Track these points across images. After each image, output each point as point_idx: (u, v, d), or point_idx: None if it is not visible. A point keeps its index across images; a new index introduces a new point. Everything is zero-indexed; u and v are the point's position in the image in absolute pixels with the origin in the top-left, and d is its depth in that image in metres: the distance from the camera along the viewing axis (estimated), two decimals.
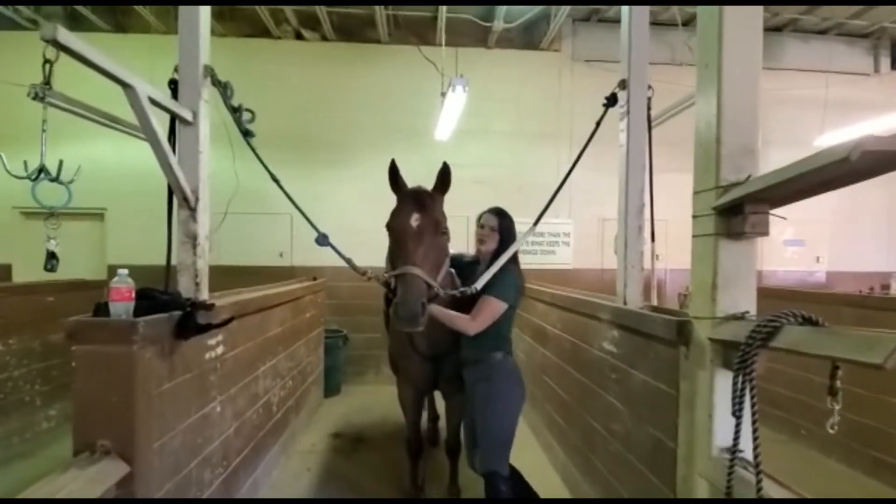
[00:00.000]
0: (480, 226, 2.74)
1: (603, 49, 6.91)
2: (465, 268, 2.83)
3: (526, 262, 3.18)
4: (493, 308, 2.51)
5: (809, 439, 4.20)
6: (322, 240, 2.66)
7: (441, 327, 2.68)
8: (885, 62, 7.16)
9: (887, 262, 7.32)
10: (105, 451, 1.90)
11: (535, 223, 2.92)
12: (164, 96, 2.32)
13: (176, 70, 2.50)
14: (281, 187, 2.71)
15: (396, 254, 2.39)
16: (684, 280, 6.64)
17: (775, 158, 1.82)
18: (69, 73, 2.26)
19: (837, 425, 1.49)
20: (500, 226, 2.68)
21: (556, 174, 6.77)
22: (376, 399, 5.74)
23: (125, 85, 2.04)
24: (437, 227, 2.42)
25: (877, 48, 7.19)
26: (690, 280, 2.05)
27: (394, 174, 2.55)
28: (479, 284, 2.54)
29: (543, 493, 2.93)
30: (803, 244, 7.20)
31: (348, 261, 2.67)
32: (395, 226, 2.42)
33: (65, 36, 1.73)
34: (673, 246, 3.04)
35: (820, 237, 7.15)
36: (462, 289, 2.56)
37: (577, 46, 7.09)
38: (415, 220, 2.36)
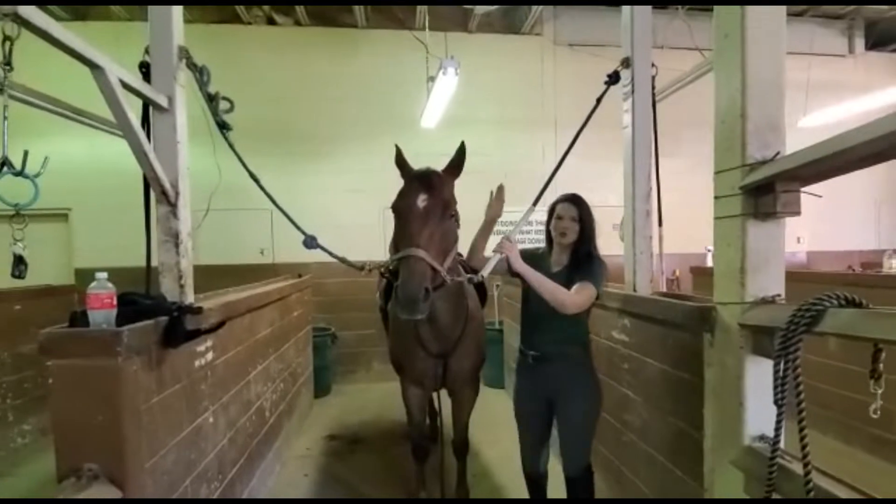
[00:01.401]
0: (559, 217, 2.38)
1: (585, 33, 6.81)
2: (532, 259, 2.38)
3: None
4: (591, 293, 2.21)
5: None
6: (311, 242, 2.45)
7: (449, 319, 2.55)
8: (860, 43, 7.26)
9: (865, 241, 7.48)
10: (93, 476, 1.71)
11: (535, 203, 2.82)
12: (137, 80, 2.10)
13: (147, 52, 2.26)
14: (262, 188, 2.47)
15: (400, 236, 2.24)
16: (673, 265, 6.65)
17: None
18: (32, 68, 2.02)
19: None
20: (581, 215, 2.35)
21: (542, 161, 6.68)
22: (368, 397, 5.60)
23: (94, 66, 1.82)
24: (446, 210, 2.27)
25: (851, 28, 7.27)
26: (714, 264, 1.96)
27: (400, 161, 2.45)
28: (485, 272, 2.34)
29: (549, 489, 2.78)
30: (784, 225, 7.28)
31: (342, 259, 2.50)
32: (401, 207, 2.27)
33: (27, 11, 1.51)
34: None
35: (800, 218, 7.21)
36: (469, 275, 2.42)
37: (559, 30, 6.96)
38: (422, 200, 2.21)
